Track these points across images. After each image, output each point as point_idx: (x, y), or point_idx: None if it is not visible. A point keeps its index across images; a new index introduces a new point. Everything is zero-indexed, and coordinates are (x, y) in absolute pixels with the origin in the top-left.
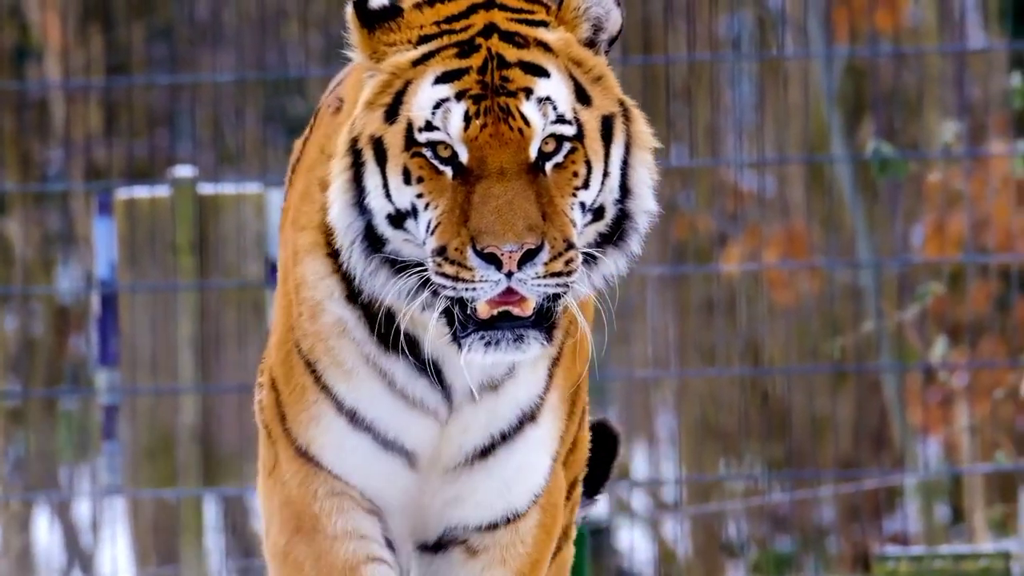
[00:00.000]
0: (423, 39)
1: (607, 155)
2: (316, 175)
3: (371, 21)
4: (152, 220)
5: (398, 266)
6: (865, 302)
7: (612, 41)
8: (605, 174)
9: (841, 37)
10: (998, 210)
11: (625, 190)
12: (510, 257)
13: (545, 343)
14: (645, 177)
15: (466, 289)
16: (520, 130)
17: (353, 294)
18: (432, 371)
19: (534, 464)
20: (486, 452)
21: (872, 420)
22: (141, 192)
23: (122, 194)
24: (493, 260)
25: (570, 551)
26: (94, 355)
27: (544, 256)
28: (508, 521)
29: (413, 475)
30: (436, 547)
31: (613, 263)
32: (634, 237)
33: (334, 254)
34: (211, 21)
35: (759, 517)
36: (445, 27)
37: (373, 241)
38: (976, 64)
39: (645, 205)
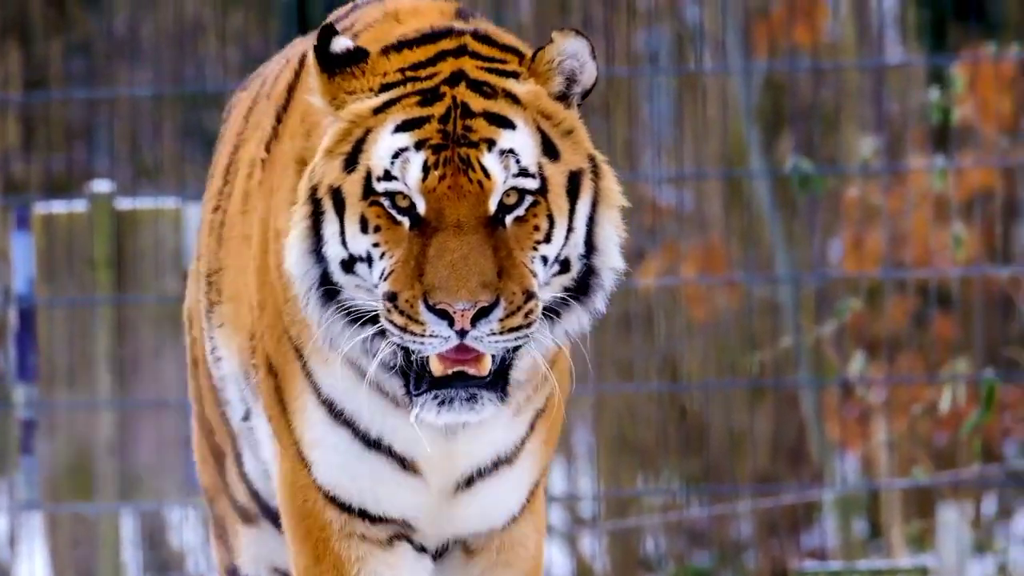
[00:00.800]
0: (385, 87)
1: (572, 211)
2: (295, 149)
3: (332, 65)
4: (70, 235)
5: (354, 316)
6: (783, 317)
7: (586, 94)
8: (570, 229)
9: (759, 52)
10: (916, 225)
11: (591, 246)
12: (462, 315)
13: (499, 403)
14: (612, 234)
15: (414, 341)
16: (480, 182)
17: None
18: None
19: (506, 500)
20: (470, 482)
21: (790, 435)
22: (59, 207)
23: (40, 209)
24: (445, 316)
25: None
26: (12, 370)
27: (499, 313)
28: (487, 535)
29: (413, 480)
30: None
31: (576, 319)
32: (599, 294)
33: None
34: (128, 36)
35: (677, 532)
36: (410, 74)
37: (329, 289)
38: (894, 79)
39: (611, 262)
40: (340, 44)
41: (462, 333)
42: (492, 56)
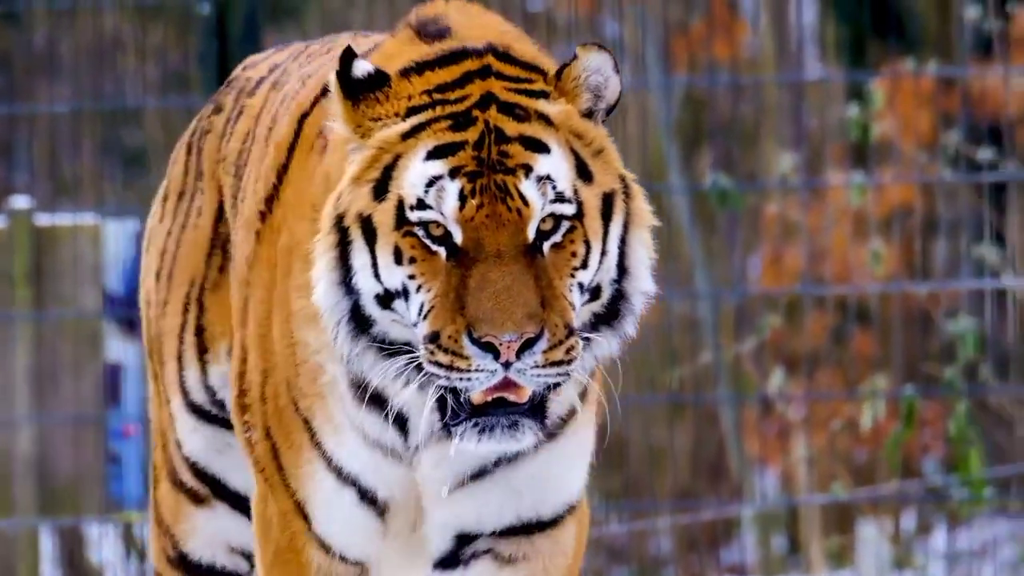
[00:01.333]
0: (412, 110)
1: (606, 234)
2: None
3: (355, 91)
4: None
5: (386, 348)
6: (703, 333)
7: (610, 110)
8: (603, 253)
9: (679, 67)
10: (835, 241)
11: (622, 270)
12: (508, 347)
13: (540, 432)
14: (643, 256)
15: (460, 379)
16: (519, 210)
17: None
18: (398, 422)
19: (555, 480)
20: (479, 475)
21: (709, 451)
22: None
23: None
24: (490, 349)
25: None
26: None
27: (543, 344)
28: (530, 527)
29: (381, 526)
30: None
31: (607, 344)
32: (629, 319)
33: None
34: (47, 52)
35: (596, 548)
36: (438, 96)
37: (360, 322)
38: (813, 95)
39: (642, 286)
40: (362, 68)
41: (506, 365)
42: (518, 76)
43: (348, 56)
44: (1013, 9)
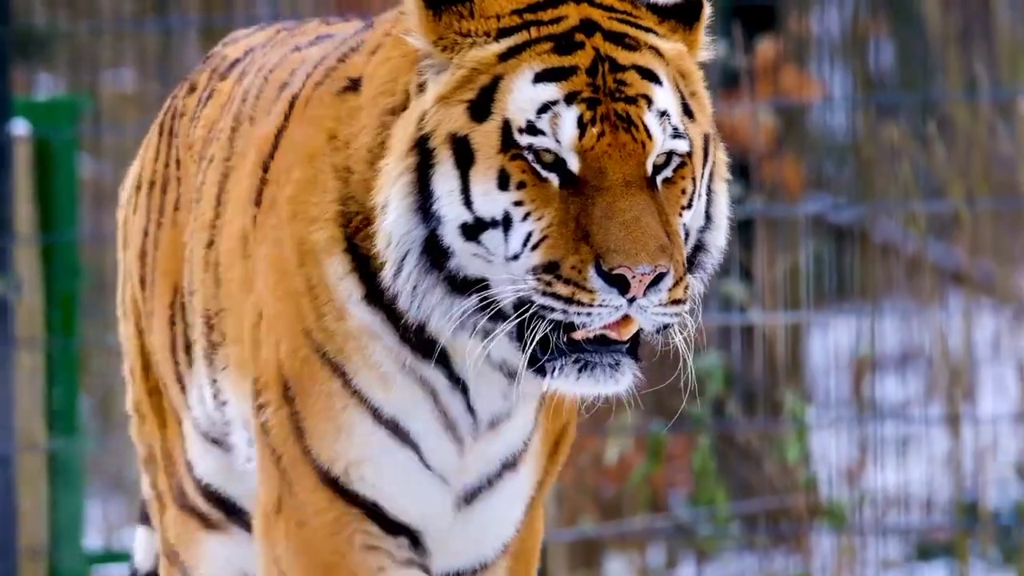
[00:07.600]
0: (504, 31)
1: (702, 176)
2: (328, 162)
3: (437, 3)
4: None
5: (457, 285)
6: None
7: None
8: (699, 196)
9: None
10: None
11: (707, 218)
12: (640, 280)
13: (638, 374)
14: (724, 208)
15: (578, 313)
16: (643, 142)
17: (373, 293)
18: (462, 391)
19: (509, 514)
20: (472, 496)
21: None
22: None
23: None
24: (618, 283)
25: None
26: None
27: (669, 281)
28: (474, 572)
29: (450, 500)
30: None
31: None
32: (701, 275)
33: (350, 249)
34: None
35: None
36: (530, 17)
37: (435, 254)
38: None
39: (720, 240)
40: None
41: (631, 301)
42: (616, 7)
43: None
44: (759, 44)
